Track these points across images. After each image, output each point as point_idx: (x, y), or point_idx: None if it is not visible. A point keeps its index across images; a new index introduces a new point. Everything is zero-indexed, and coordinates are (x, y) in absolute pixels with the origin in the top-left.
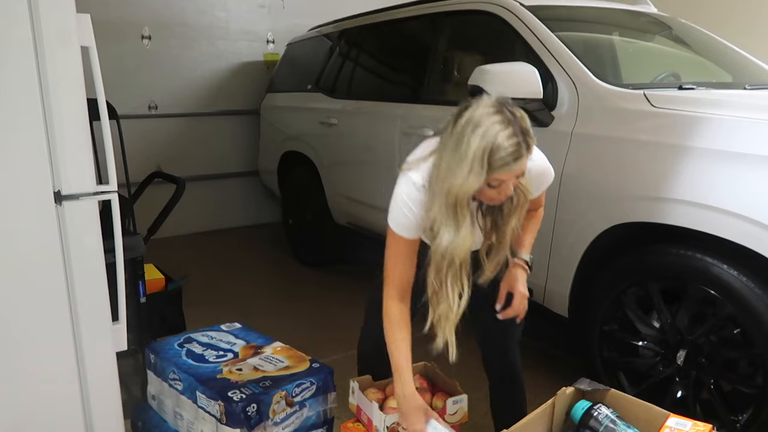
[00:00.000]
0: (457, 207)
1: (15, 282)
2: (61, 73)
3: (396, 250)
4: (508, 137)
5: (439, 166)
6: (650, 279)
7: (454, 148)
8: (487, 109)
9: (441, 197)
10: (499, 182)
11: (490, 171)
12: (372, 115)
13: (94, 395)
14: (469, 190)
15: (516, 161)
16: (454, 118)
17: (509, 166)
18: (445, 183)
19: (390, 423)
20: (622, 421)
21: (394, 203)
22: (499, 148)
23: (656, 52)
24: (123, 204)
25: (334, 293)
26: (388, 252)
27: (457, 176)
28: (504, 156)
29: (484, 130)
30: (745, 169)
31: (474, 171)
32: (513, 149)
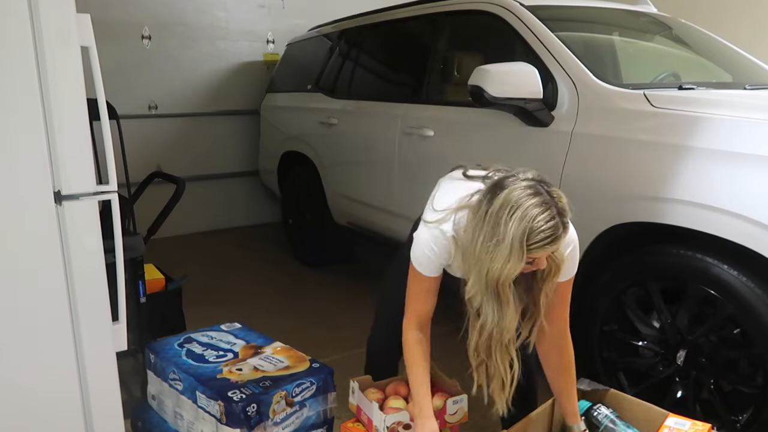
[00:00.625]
0: (500, 290)
1: (15, 282)
2: (61, 73)
3: (418, 288)
4: (546, 221)
5: (475, 244)
6: (650, 279)
7: (491, 232)
8: (525, 191)
9: (480, 278)
10: (533, 259)
11: (529, 253)
12: (372, 115)
13: (94, 395)
14: (510, 275)
15: (553, 243)
16: (488, 195)
17: (546, 249)
18: (482, 264)
19: (390, 423)
20: (621, 420)
21: (418, 246)
22: (537, 231)
23: (656, 52)
24: (123, 204)
25: (334, 293)
26: (409, 287)
27: (496, 260)
28: (542, 239)
29: (522, 214)
30: (745, 169)
31: (514, 256)
32: (551, 232)
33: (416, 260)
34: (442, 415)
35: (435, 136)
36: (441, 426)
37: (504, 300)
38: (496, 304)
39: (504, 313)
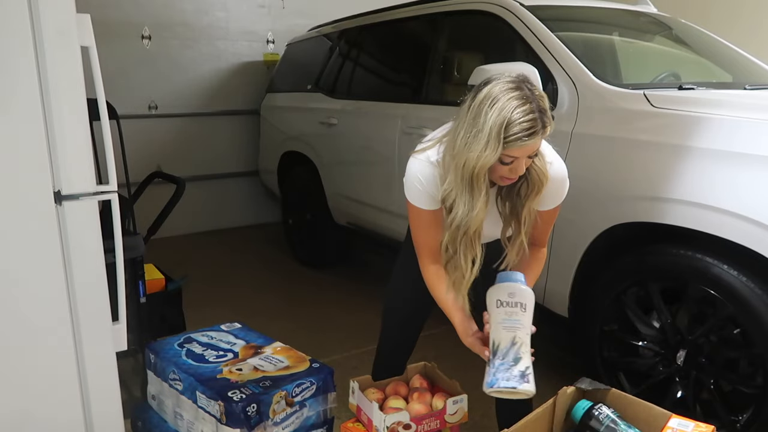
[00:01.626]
0: (473, 181)
1: (15, 282)
2: (61, 73)
3: (418, 222)
4: (524, 113)
5: (456, 139)
6: (650, 279)
7: (471, 123)
8: (506, 85)
9: (457, 171)
10: (511, 159)
11: (505, 145)
12: (372, 115)
13: (94, 395)
14: (485, 164)
15: (530, 137)
16: (473, 93)
17: (523, 141)
18: (461, 156)
19: (390, 423)
20: (623, 421)
21: (407, 179)
22: (514, 123)
23: (656, 52)
24: (123, 204)
25: (333, 293)
26: (411, 225)
27: (474, 150)
28: (519, 131)
29: (502, 105)
30: (745, 169)
31: (490, 146)
32: (528, 125)
33: (408, 194)
34: (442, 415)
35: None
36: (441, 426)
37: (476, 191)
38: (468, 195)
39: (474, 204)
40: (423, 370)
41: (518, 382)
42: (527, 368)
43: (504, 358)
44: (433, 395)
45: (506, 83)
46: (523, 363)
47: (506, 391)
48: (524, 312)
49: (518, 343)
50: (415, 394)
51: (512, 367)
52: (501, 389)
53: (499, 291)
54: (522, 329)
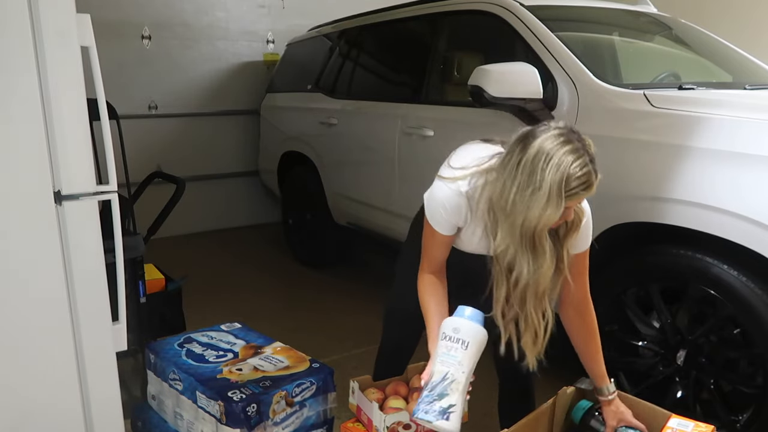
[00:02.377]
0: (536, 239)
1: (15, 282)
2: (61, 73)
3: (432, 241)
4: (581, 167)
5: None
6: (650, 279)
7: (526, 181)
8: (558, 139)
9: (514, 229)
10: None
11: (566, 201)
12: (372, 115)
13: (94, 395)
14: (548, 223)
15: (588, 189)
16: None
17: (581, 195)
18: (518, 215)
19: (390, 423)
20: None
21: (432, 203)
22: (573, 177)
23: (656, 52)
24: (123, 204)
25: (334, 293)
26: (424, 239)
27: (533, 208)
28: (578, 185)
29: (558, 161)
30: (745, 169)
31: (551, 203)
32: (586, 178)
33: (431, 218)
34: None
35: (435, 136)
36: None
37: (540, 250)
38: (531, 254)
39: (540, 263)
40: (423, 370)
41: (435, 417)
42: (450, 406)
43: (431, 390)
44: None
45: (557, 137)
46: (447, 400)
47: (426, 423)
48: (465, 350)
49: (449, 379)
50: (415, 394)
51: (435, 402)
52: (418, 419)
53: (447, 324)
54: (457, 366)
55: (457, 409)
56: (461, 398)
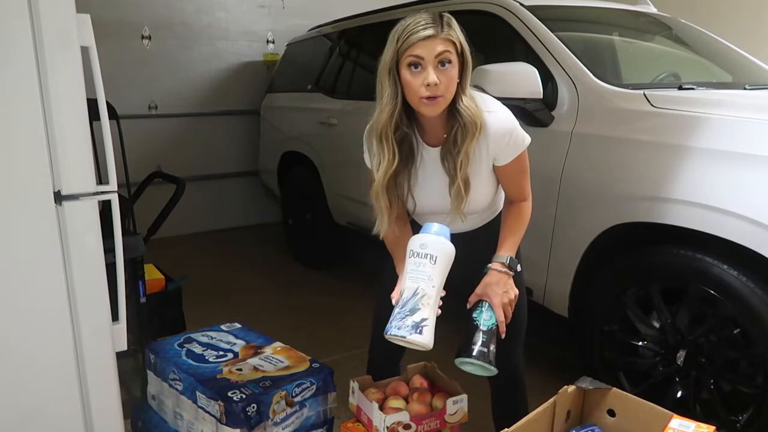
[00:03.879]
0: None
1: (15, 282)
2: (61, 73)
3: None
4: (422, 17)
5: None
6: (650, 279)
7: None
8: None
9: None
10: (414, 61)
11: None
12: (372, 115)
13: (94, 395)
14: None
15: (425, 29)
16: None
17: (415, 36)
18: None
19: (390, 423)
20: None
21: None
22: (410, 23)
23: (656, 52)
24: (123, 204)
25: (333, 293)
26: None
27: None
28: (413, 29)
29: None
30: (745, 170)
31: (390, 46)
32: (423, 24)
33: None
34: (442, 415)
35: None
36: (441, 426)
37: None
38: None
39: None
40: (423, 370)
41: (409, 331)
42: (423, 320)
43: (402, 307)
44: (433, 395)
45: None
46: (419, 314)
47: (399, 340)
48: (433, 264)
49: (419, 294)
50: (415, 394)
51: (407, 317)
52: (392, 336)
53: (413, 241)
54: (427, 281)
55: (429, 323)
56: (432, 312)
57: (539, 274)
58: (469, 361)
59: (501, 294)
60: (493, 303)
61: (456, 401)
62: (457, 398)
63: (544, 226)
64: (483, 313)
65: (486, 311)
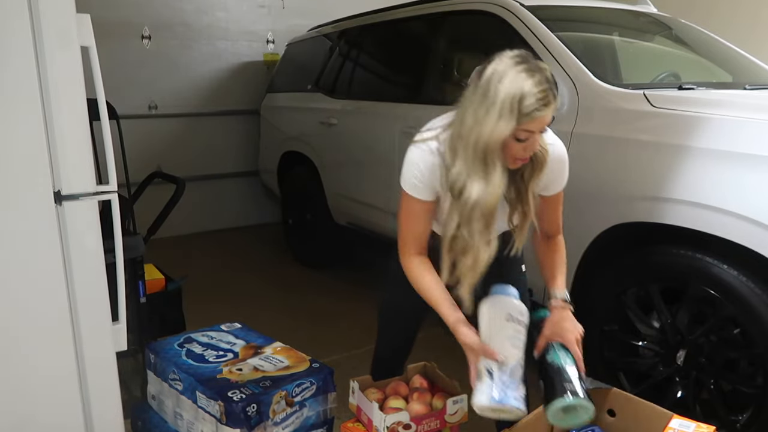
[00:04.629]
0: (487, 156)
1: (15, 282)
2: (61, 73)
3: (409, 211)
4: (535, 84)
5: (464, 120)
6: (650, 279)
7: (480, 100)
8: (512, 60)
9: (467, 149)
10: (526, 135)
11: (520, 118)
12: (372, 115)
13: (94, 395)
14: (499, 137)
15: (545, 107)
16: (477, 74)
17: (538, 112)
18: (472, 134)
19: (390, 423)
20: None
21: (406, 167)
22: (528, 94)
23: (656, 52)
24: (123, 204)
25: (333, 293)
26: (401, 215)
27: (487, 124)
28: (533, 102)
29: (512, 78)
30: (745, 170)
31: (504, 117)
32: (542, 95)
33: (405, 183)
34: (442, 415)
35: None
36: (441, 426)
37: (491, 167)
38: (482, 172)
39: (489, 179)
40: (423, 370)
41: (523, 404)
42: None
43: (512, 376)
44: (433, 395)
45: (510, 58)
46: (522, 388)
47: (506, 410)
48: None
49: (523, 365)
50: (415, 394)
51: (519, 387)
52: (506, 407)
53: (510, 305)
54: (523, 350)
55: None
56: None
57: (539, 274)
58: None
59: (572, 330)
60: (567, 340)
61: (456, 401)
62: (457, 398)
63: None
64: (558, 354)
65: (559, 351)
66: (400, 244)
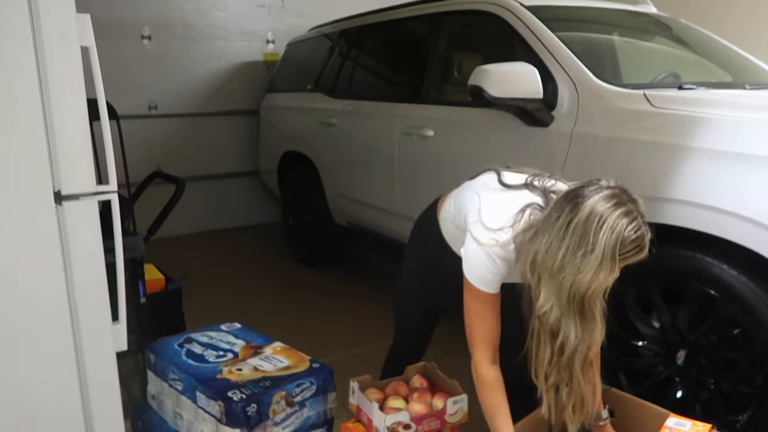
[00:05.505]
0: (585, 304)
1: (15, 282)
2: (61, 73)
3: (479, 308)
4: (635, 230)
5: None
6: (650, 279)
7: (577, 242)
8: (610, 201)
9: (562, 292)
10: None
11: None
12: (372, 115)
13: (94, 395)
14: (601, 288)
15: (641, 252)
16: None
17: (634, 258)
18: (564, 278)
19: (390, 423)
20: None
21: (476, 261)
22: (629, 241)
23: (656, 52)
24: (123, 204)
25: (333, 293)
26: (469, 313)
27: (584, 272)
28: (633, 248)
29: (613, 225)
30: (746, 170)
31: (605, 267)
32: (640, 242)
33: (476, 279)
34: (442, 415)
35: (435, 136)
36: (441, 426)
37: (590, 315)
38: (580, 319)
39: (591, 328)
40: (423, 370)
41: None
42: None
43: None
44: (433, 395)
45: (609, 197)
46: None
47: None
48: None
49: None
50: (415, 394)
51: None
52: None
53: None
54: None
55: None
56: None
57: None
58: None
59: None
60: None
61: (456, 401)
62: (457, 398)
63: None
64: None
65: None
66: (473, 350)
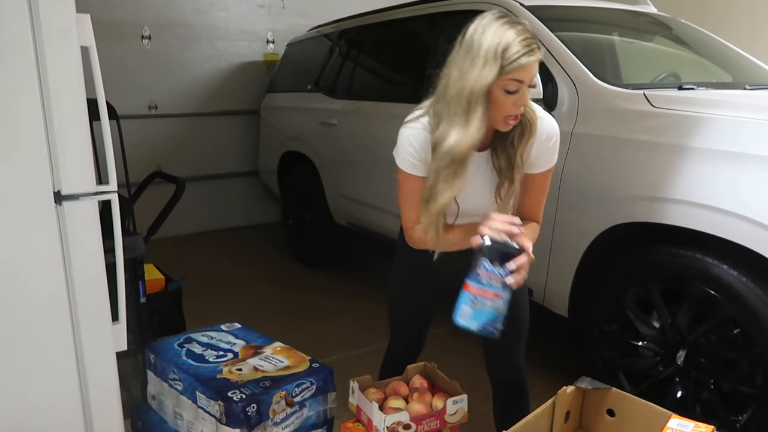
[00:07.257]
0: (470, 103)
1: (15, 282)
2: (61, 73)
3: (407, 190)
4: (519, 33)
5: (448, 79)
6: (650, 279)
7: (464, 55)
8: (493, 15)
9: (450, 106)
10: (516, 86)
11: (505, 67)
12: (372, 115)
13: (94, 395)
14: (484, 83)
15: (530, 54)
16: (461, 35)
17: (525, 59)
18: (457, 86)
19: (390, 423)
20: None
21: (399, 147)
22: (512, 43)
23: (656, 52)
24: (123, 204)
25: (333, 294)
26: (401, 195)
27: (471, 74)
28: (518, 50)
29: (495, 30)
30: (745, 170)
31: (488, 64)
32: (525, 43)
33: (400, 162)
34: (442, 415)
35: None
36: (441, 426)
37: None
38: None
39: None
40: (423, 370)
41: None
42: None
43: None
44: (433, 395)
45: (491, 14)
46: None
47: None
48: None
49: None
50: (415, 394)
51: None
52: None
53: None
54: None
55: None
56: None
57: (539, 275)
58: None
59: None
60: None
61: (456, 401)
62: (457, 398)
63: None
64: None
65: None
66: (405, 224)
